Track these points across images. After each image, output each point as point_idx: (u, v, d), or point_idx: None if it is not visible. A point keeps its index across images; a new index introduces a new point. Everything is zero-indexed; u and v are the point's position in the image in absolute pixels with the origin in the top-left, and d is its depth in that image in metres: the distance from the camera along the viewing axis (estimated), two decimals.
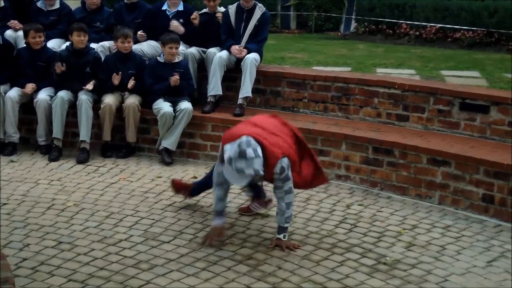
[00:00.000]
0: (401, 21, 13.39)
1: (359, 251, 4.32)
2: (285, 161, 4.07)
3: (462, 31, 12.52)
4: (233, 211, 4.98)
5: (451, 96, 6.02)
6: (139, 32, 6.90)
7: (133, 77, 6.34)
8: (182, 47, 6.68)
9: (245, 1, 6.69)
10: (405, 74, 8.39)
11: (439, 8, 13.45)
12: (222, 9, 6.96)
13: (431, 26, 13.01)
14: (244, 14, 6.72)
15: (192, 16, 6.83)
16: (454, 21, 12.96)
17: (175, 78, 6.21)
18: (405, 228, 4.78)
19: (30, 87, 6.37)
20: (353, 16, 14.34)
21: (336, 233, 4.62)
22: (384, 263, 4.14)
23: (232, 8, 6.79)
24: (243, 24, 6.71)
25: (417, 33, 13.05)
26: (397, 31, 13.34)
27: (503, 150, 5.40)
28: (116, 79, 6.31)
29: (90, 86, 6.31)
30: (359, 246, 4.39)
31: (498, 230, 4.83)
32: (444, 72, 8.41)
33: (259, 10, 6.74)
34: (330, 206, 5.18)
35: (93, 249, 4.18)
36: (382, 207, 5.21)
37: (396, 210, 5.16)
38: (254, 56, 6.59)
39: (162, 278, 3.81)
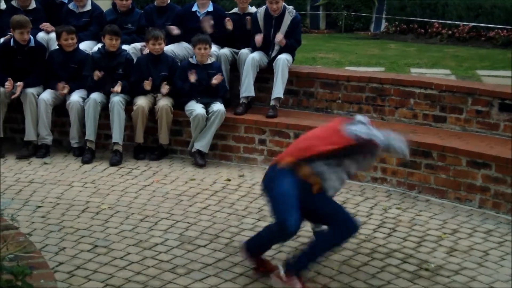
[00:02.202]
0: (433, 20, 13.17)
1: (399, 256, 4.21)
2: None
3: (496, 30, 12.27)
4: (268, 215, 4.89)
5: (490, 96, 5.88)
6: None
7: (166, 82, 6.29)
8: (214, 48, 6.63)
9: (272, 10, 6.54)
10: (440, 74, 8.23)
11: (472, 6, 13.21)
12: (253, 8, 6.88)
13: (464, 25, 12.78)
14: (273, 20, 6.59)
15: (226, 20, 6.73)
16: (488, 19, 12.71)
17: (219, 77, 6.14)
18: (446, 233, 4.65)
19: (61, 86, 6.36)
20: (383, 16, 14.16)
21: (375, 237, 4.51)
22: (426, 269, 4.03)
23: (260, 13, 6.66)
24: (272, 31, 6.60)
25: (450, 32, 12.82)
26: (429, 30, 13.13)
27: None
28: (147, 84, 6.27)
29: (118, 88, 6.27)
30: (399, 251, 4.28)
31: None
32: (480, 72, 8.24)
33: (289, 15, 6.58)
34: (367, 209, 5.08)
35: (129, 253, 4.14)
36: (421, 211, 5.09)
37: (436, 214, 5.04)
38: (286, 56, 6.50)
39: (199, 283, 3.75)
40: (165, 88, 6.28)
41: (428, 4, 13.70)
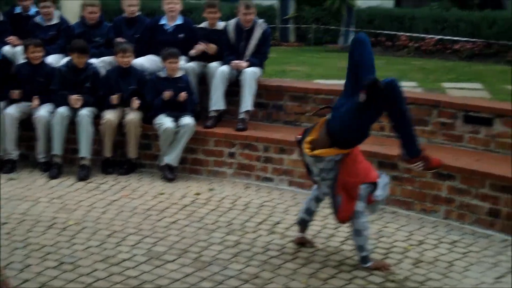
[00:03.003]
0: (400, 33, 13.35)
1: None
2: None
3: (461, 43, 12.49)
4: (238, 228, 4.91)
5: (454, 108, 5.98)
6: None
7: (136, 97, 6.27)
8: (182, 61, 6.63)
9: (245, 21, 6.61)
10: (407, 87, 8.29)
11: (438, 19, 13.43)
12: (222, 24, 6.91)
13: (430, 37, 12.98)
14: (244, 32, 6.65)
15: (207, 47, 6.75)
16: (453, 32, 12.93)
17: (168, 94, 6.17)
18: (412, 244, 4.71)
19: (36, 101, 6.30)
20: (352, 29, 14.30)
21: (343, 250, 4.55)
22: (393, 281, 4.08)
23: (231, 25, 6.71)
24: (243, 43, 6.65)
25: (416, 45, 13.01)
26: (396, 43, 13.30)
27: (509, 163, 5.34)
28: (115, 99, 6.25)
29: (78, 103, 6.23)
30: None
31: (505, 245, 4.77)
32: (445, 84, 8.35)
33: (260, 28, 6.65)
34: (336, 222, 5.10)
35: (95, 269, 4.10)
36: (388, 223, 5.15)
37: (402, 226, 5.10)
38: (253, 69, 6.54)
39: None
40: (135, 103, 6.26)
41: (396, 17, 13.90)
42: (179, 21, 6.95)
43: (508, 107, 5.91)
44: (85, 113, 6.23)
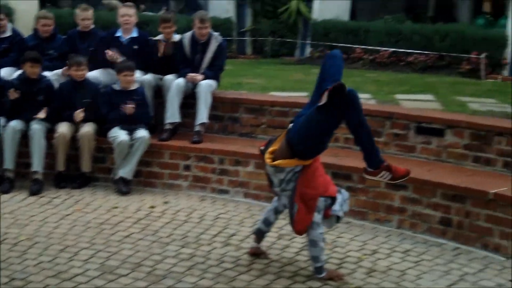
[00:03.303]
0: (355, 46, 13.55)
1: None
2: None
3: (415, 55, 12.74)
4: (192, 241, 4.90)
5: (407, 120, 6.10)
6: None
7: (83, 109, 6.21)
8: (138, 74, 6.61)
9: (201, 35, 6.63)
10: (361, 99, 8.41)
11: (393, 32, 13.68)
12: (177, 36, 6.91)
13: (384, 50, 13.20)
14: (199, 45, 6.66)
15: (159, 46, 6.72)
16: (407, 45, 13.17)
17: (130, 108, 6.13)
18: (366, 254, 4.77)
19: None
20: (308, 41, 14.46)
21: (297, 260, 4.58)
22: None
23: (186, 38, 6.72)
24: (198, 56, 6.66)
25: (371, 57, 13.22)
26: (351, 55, 13.49)
27: (459, 173, 5.48)
28: (78, 116, 6.17)
29: (42, 114, 6.17)
30: None
31: (456, 253, 4.88)
32: (398, 96, 8.51)
33: (215, 41, 6.68)
34: (290, 232, 5.12)
35: (47, 285, 4.04)
36: (342, 233, 5.20)
37: (356, 235, 5.16)
38: (208, 82, 6.55)
39: None
40: (78, 116, 6.18)
41: (350, 30, 14.10)
42: (134, 33, 6.93)
43: (458, 118, 6.07)
44: (38, 126, 6.14)
